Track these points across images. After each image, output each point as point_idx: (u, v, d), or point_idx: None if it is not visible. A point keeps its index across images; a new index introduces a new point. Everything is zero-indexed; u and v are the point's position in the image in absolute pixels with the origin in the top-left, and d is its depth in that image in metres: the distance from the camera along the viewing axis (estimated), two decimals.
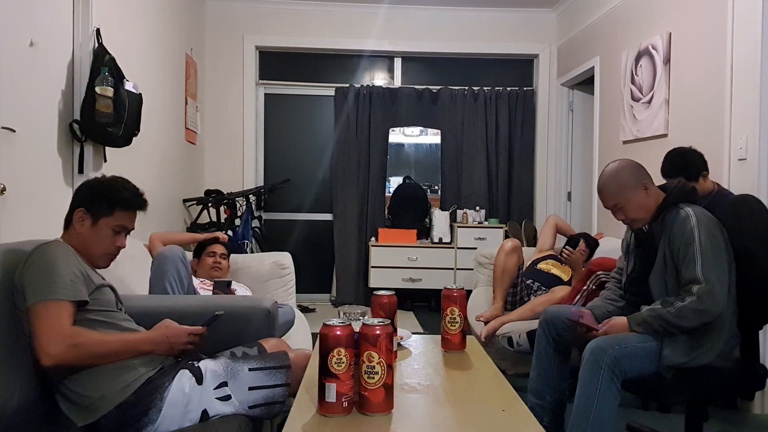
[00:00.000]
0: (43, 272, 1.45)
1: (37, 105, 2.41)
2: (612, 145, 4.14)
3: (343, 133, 5.15)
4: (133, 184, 1.69)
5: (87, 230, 1.60)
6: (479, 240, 4.83)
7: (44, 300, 1.42)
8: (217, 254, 2.85)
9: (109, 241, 1.62)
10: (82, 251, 1.60)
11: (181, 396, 1.48)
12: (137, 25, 3.37)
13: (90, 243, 1.60)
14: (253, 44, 5.10)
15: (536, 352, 2.21)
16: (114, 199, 1.62)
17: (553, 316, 2.17)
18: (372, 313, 1.65)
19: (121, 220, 1.63)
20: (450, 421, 1.25)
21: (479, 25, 5.21)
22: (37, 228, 2.37)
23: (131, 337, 1.55)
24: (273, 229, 5.13)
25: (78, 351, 1.42)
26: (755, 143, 2.67)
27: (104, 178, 1.68)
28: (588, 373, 1.78)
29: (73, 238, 1.61)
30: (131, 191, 1.66)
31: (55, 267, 1.47)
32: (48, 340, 1.39)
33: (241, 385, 1.54)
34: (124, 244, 1.68)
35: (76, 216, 1.61)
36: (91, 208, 1.60)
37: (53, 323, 1.41)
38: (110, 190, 1.63)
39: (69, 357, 1.42)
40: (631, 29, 3.89)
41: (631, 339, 1.84)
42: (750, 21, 2.72)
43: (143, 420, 1.44)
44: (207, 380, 1.52)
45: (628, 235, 2.16)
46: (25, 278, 1.46)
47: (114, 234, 1.63)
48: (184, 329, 1.61)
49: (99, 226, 1.60)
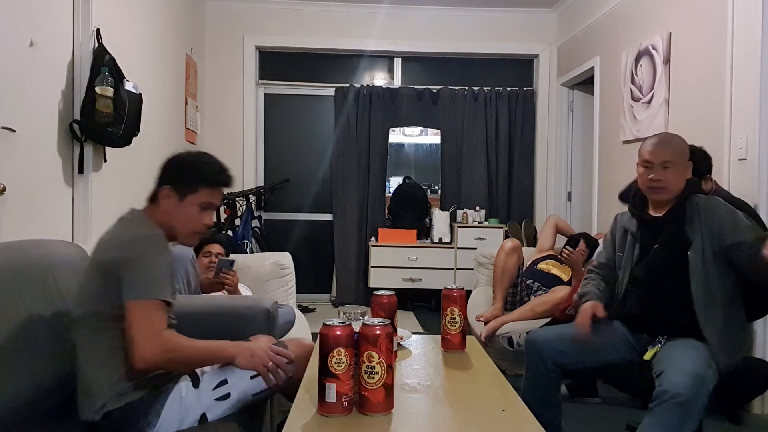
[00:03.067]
0: (147, 268, 1.42)
1: (37, 105, 2.41)
2: (612, 145, 4.14)
3: (343, 133, 5.15)
4: (219, 160, 1.63)
5: (173, 207, 1.55)
6: (479, 240, 4.83)
7: (145, 298, 1.39)
8: (212, 254, 2.85)
9: (196, 219, 1.57)
10: (168, 229, 1.55)
11: (179, 400, 1.47)
12: (137, 25, 3.37)
13: (176, 220, 1.55)
14: (253, 44, 5.10)
15: (527, 369, 2.05)
16: (199, 175, 1.57)
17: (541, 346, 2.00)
18: (372, 313, 1.65)
19: (206, 197, 1.57)
20: (450, 421, 1.25)
21: (479, 25, 5.20)
22: (37, 228, 2.37)
23: (215, 343, 1.52)
24: (273, 229, 5.13)
25: (170, 356, 1.41)
26: (755, 143, 2.67)
27: (189, 154, 1.63)
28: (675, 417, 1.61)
29: (157, 215, 1.55)
30: (216, 167, 1.60)
31: (157, 263, 1.44)
32: (145, 344, 1.36)
33: (242, 377, 1.53)
34: (212, 221, 1.63)
35: (163, 193, 1.55)
36: (177, 185, 1.55)
37: (151, 325, 1.38)
38: (195, 166, 1.58)
39: (161, 362, 1.40)
40: (631, 29, 3.89)
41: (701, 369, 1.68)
42: (750, 21, 2.72)
43: (142, 423, 1.43)
44: (204, 381, 1.51)
45: (622, 224, 2.08)
46: (125, 269, 1.41)
47: (201, 211, 1.57)
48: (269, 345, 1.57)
49: (185, 203, 1.55)
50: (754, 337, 2.63)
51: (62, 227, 2.61)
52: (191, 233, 1.59)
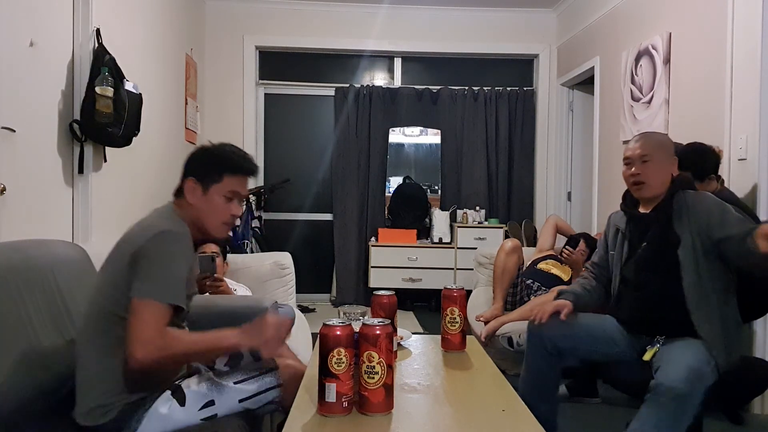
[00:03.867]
0: (164, 266, 1.39)
1: (37, 105, 2.41)
2: (612, 145, 4.14)
3: (343, 133, 5.15)
4: (241, 149, 1.61)
5: (199, 200, 1.53)
6: (479, 240, 4.83)
7: (153, 299, 1.35)
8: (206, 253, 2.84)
9: (223, 210, 1.55)
10: (196, 222, 1.54)
11: (160, 419, 1.42)
12: (137, 25, 3.37)
13: (204, 213, 1.54)
14: (253, 44, 5.10)
15: (527, 362, 2.08)
16: (221, 164, 1.55)
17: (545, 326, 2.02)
18: (372, 313, 1.65)
19: (231, 186, 1.55)
20: (450, 421, 1.25)
21: (479, 25, 5.20)
22: (37, 228, 2.37)
23: (215, 334, 1.45)
24: (273, 229, 5.13)
25: (165, 354, 1.34)
26: (755, 143, 2.67)
27: (211, 145, 1.61)
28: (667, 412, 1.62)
29: (185, 209, 1.54)
30: (239, 155, 1.58)
31: (176, 264, 1.41)
32: (140, 347, 1.31)
33: (230, 400, 1.49)
34: (240, 211, 1.60)
35: (187, 186, 1.53)
36: (200, 177, 1.53)
37: (150, 329, 1.33)
38: (217, 156, 1.57)
39: (154, 365, 1.34)
40: (631, 29, 3.89)
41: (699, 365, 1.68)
42: (750, 21, 2.72)
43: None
44: (190, 401, 1.46)
45: (615, 222, 2.09)
46: (143, 261, 1.38)
47: (227, 201, 1.55)
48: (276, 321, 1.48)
49: (210, 194, 1.53)
50: (754, 337, 2.63)
51: (62, 227, 2.61)
52: (220, 224, 1.56)
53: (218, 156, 1.57)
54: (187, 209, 1.54)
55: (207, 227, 1.55)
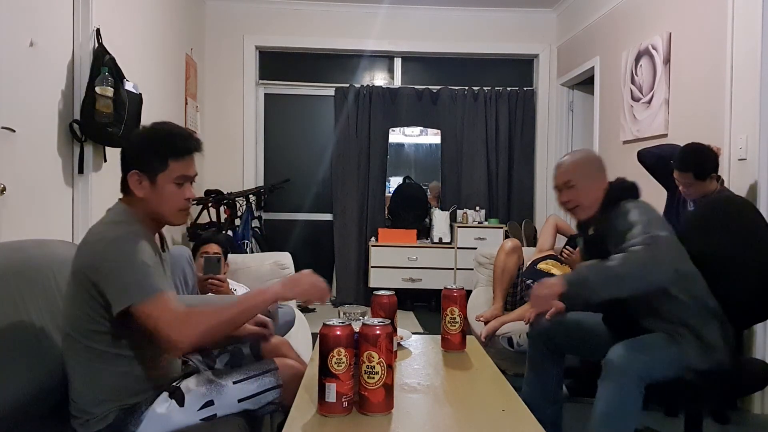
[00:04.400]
0: (132, 268, 1.32)
1: (37, 105, 2.41)
2: (612, 145, 4.14)
3: (343, 133, 5.15)
4: (179, 126, 1.51)
5: (148, 192, 1.43)
6: (479, 240, 4.83)
7: (149, 297, 1.31)
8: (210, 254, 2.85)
9: (176, 196, 1.45)
10: (152, 215, 1.46)
11: (158, 420, 1.41)
12: (137, 25, 3.37)
13: (157, 204, 1.44)
14: (253, 44, 5.10)
15: (531, 364, 2.09)
16: (163, 150, 1.43)
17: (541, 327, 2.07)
18: (372, 313, 1.65)
19: (179, 170, 1.44)
20: (450, 421, 1.25)
21: (479, 25, 5.21)
22: (37, 228, 2.37)
23: (251, 292, 1.45)
24: (273, 229, 5.13)
25: (199, 329, 1.33)
26: (755, 143, 2.68)
27: (146, 130, 1.48)
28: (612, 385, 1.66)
29: (136, 204, 1.45)
30: (179, 135, 1.47)
31: (141, 260, 1.34)
32: (174, 334, 1.30)
33: (229, 399, 1.48)
34: (193, 194, 1.51)
35: (132, 180, 1.43)
36: (143, 168, 1.42)
37: (170, 313, 1.31)
38: (157, 141, 1.44)
39: (197, 341, 1.33)
40: (631, 29, 3.89)
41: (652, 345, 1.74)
42: (750, 21, 2.72)
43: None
44: (189, 401, 1.45)
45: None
46: (109, 278, 1.32)
47: (178, 187, 1.45)
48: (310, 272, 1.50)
49: (159, 184, 1.43)
50: (753, 337, 2.63)
51: (62, 227, 2.61)
52: (176, 212, 1.48)
53: (158, 141, 1.45)
54: (138, 204, 1.45)
55: (164, 217, 1.48)
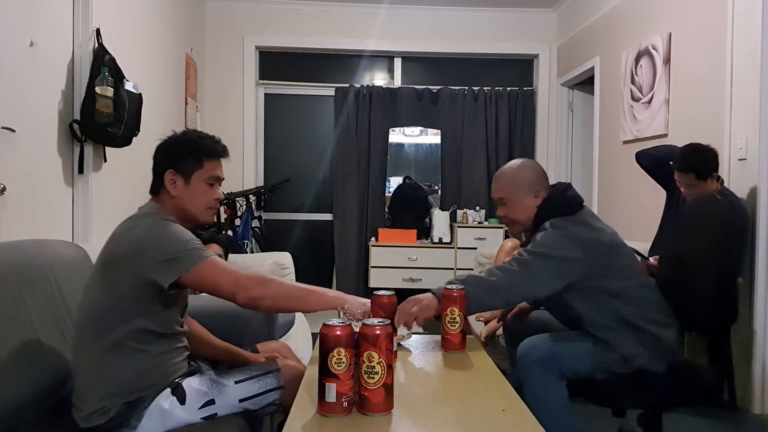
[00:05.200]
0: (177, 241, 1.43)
1: (37, 105, 2.41)
2: (612, 145, 4.14)
3: (343, 133, 5.15)
4: (207, 133, 1.65)
5: (182, 190, 1.54)
6: (479, 240, 4.83)
7: (200, 261, 1.42)
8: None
9: (207, 195, 1.57)
10: (182, 213, 1.55)
11: (160, 415, 1.42)
12: (137, 25, 3.37)
13: (189, 202, 1.55)
14: (253, 44, 5.10)
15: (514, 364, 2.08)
16: (198, 151, 1.56)
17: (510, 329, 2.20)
18: (372, 313, 1.65)
19: (211, 170, 1.57)
20: (450, 421, 1.25)
21: (479, 25, 5.21)
22: (37, 228, 2.37)
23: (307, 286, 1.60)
24: (273, 229, 5.13)
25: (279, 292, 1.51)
26: (755, 143, 2.68)
27: (177, 136, 1.61)
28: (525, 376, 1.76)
29: (168, 204, 1.55)
30: (211, 139, 1.61)
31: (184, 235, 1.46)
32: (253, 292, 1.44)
33: (230, 399, 1.49)
34: (221, 194, 1.63)
35: (167, 179, 1.53)
36: (178, 167, 1.54)
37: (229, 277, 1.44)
38: (191, 143, 1.58)
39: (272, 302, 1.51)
40: (631, 29, 3.89)
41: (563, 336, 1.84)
42: (750, 21, 2.72)
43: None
44: (190, 399, 1.46)
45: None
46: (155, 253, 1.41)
47: (209, 187, 1.58)
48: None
49: (193, 182, 1.55)
50: (754, 337, 2.63)
51: (62, 227, 2.61)
52: (205, 210, 1.58)
53: (192, 143, 1.58)
54: (169, 203, 1.55)
55: (193, 215, 1.57)
